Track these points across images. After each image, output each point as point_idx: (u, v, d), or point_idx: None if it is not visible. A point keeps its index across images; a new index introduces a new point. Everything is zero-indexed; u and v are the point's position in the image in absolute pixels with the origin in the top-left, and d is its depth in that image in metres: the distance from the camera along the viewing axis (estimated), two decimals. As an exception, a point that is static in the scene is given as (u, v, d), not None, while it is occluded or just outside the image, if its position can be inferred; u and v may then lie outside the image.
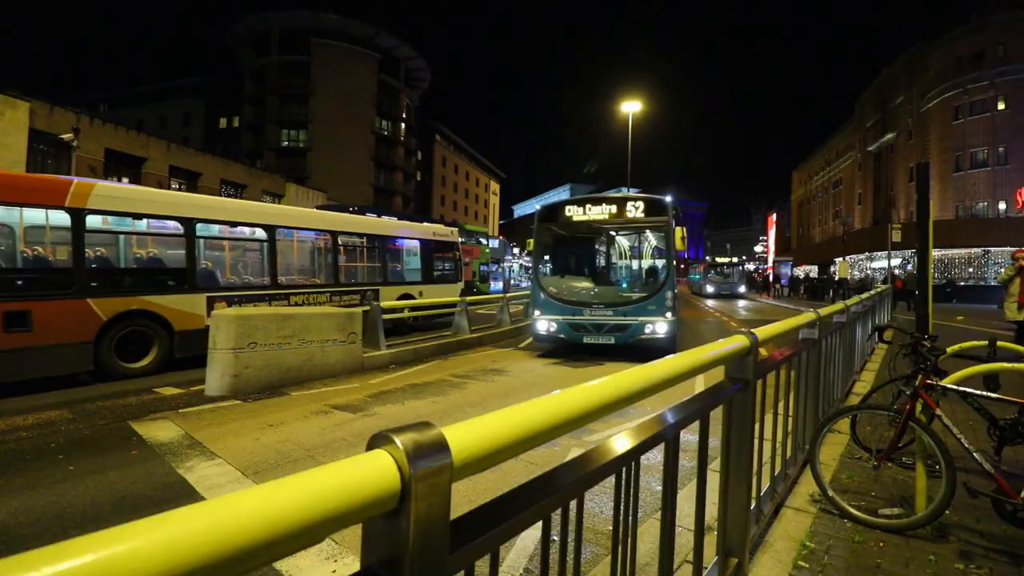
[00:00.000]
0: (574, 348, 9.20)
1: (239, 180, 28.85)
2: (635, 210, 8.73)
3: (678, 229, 8.33)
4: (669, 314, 8.30)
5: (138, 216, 7.94)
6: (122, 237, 8.15)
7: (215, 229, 9.04)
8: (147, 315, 7.73)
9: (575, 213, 9.11)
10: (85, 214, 7.19)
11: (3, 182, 6.69)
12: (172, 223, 8.26)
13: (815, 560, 2.37)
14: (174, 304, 8.01)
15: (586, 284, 9.54)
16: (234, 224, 9.26)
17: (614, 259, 11.62)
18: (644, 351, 7.89)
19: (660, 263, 9.68)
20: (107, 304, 7.28)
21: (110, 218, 7.62)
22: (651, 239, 10.69)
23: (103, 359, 7.20)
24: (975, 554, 2.42)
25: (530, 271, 9.24)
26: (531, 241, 9.59)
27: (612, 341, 8.47)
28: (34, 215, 6.97)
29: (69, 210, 7.04)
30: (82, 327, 7.01)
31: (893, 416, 2.82)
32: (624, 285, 10.02)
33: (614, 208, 8.82)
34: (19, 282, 6.74)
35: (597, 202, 8.96)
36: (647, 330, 8.32)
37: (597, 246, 11.31)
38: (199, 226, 8.52)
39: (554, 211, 9.37)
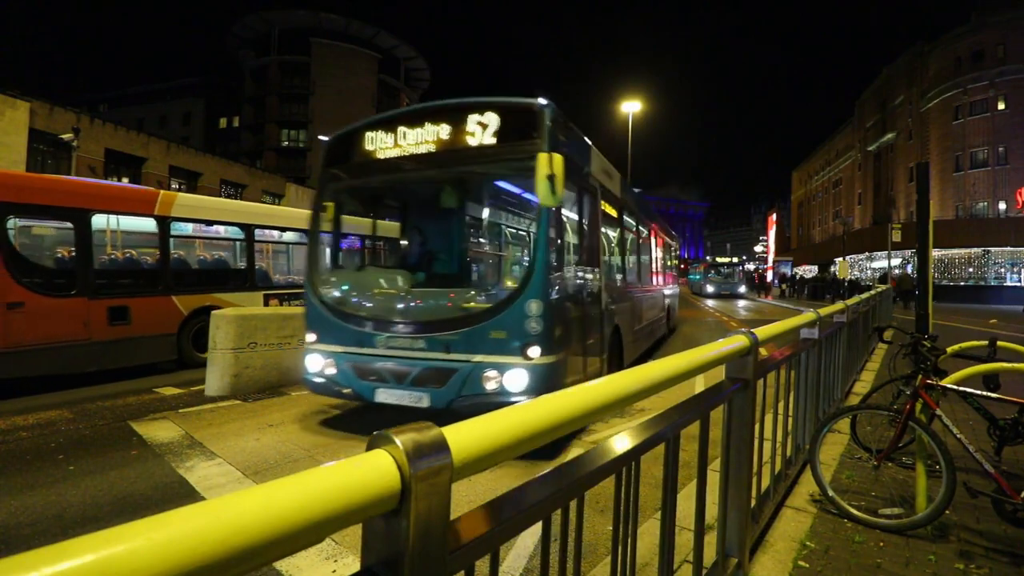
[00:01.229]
0: None
1: (239, 180, 28.81)
2: (482, 130, 4.39)
3: (556, 156, 4.00)
4: (537, 349, 4.00)
5: (210, 223, 8.85)
6: (196, 241, 9.23)
7: (269, 234, 9.99)
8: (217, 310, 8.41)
9: (381, 144, 4.87)
10: (170, 221, 8.01)
11: (104, 193, 7.46)
12: (236, 229, 9.13)
13: (815, 560, 2.37)
14: (238, 300, 8.74)
15: (388, 283, 5.33)
16: (283, 229, 10.17)
17: (447, 232, 6.55)
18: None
19: (525, 240, 5.13)
20: (187, 300, 8.13)
21: (189, 224, 8.53)
22: (515, 188, 5.80)
23: (183, 349, 8.01)
24: (975, 554, 2.42)
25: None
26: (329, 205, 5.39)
27: (424, 403, 4.27)
28: (129, 222, 7.85)
29: (157, 217, 7.84)
30: (168, 321, 7.87)
31: (893, 416, 2.82)
32: (455, 287, 5.54)
33: (446, 128, 4.56)
34: (119, 281, 7.60)
35: (416, 119, 4.69)
36: (489, 383, 4.08)
37: (426, 207, 6.38)
38: (257, 231, 9.40)
39: (348, 143, 5.18)
